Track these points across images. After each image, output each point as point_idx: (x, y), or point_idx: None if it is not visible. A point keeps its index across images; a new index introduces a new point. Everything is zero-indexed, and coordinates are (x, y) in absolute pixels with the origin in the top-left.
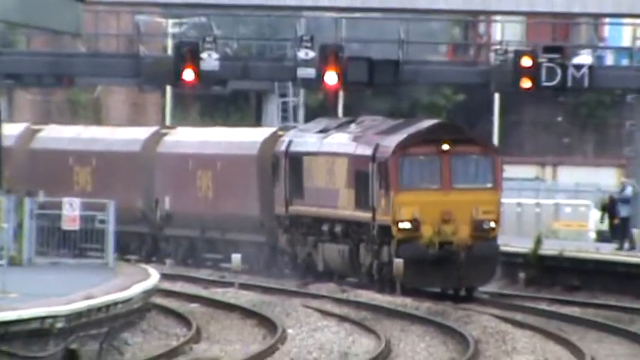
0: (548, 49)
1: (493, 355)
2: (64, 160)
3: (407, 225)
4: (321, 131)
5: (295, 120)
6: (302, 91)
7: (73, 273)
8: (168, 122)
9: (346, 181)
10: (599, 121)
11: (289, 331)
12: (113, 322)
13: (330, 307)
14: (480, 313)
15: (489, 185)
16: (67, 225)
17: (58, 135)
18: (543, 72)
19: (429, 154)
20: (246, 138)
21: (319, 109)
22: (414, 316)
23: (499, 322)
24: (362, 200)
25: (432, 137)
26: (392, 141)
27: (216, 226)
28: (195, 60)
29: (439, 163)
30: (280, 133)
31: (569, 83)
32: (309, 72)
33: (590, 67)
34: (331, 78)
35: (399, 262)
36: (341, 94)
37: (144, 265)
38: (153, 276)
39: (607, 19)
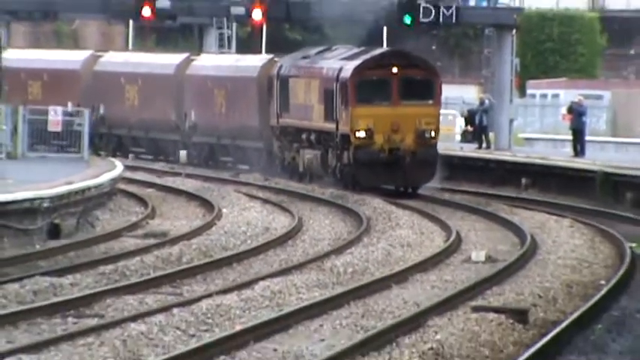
0: None
1: (381, 229)
2: (118, 80)
3: (362, 134)
4: (303, 57)
5: (229, 48)
6: (234, 25)
7: (56, 165)
8: (130, 48)
9: (318, 98)
10: (464, 49)
11: (224, 210)
12: (87, 202)
13: (255, 192)
14: (371, 197)
15: (430, 102)
16: (52, 127)
17: (114, 60)
18: (421, 11)
19: (381, 76)
20: (249, 63)
21: (248, 39)
22: (321, 199)
23: (386, 204)
24: (329, 114)
25: (384, 62)
26: (352, 65)
27: (228, 134)
28: (151, 0)
29: (389, 83)
30: (276, 59)
31: (441, 20)
32: (240, 10)
33: (457, 7)
34: (257, 14)
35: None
36: (264, 27)
37: (112, 159)
38: (118, 167)
39: None
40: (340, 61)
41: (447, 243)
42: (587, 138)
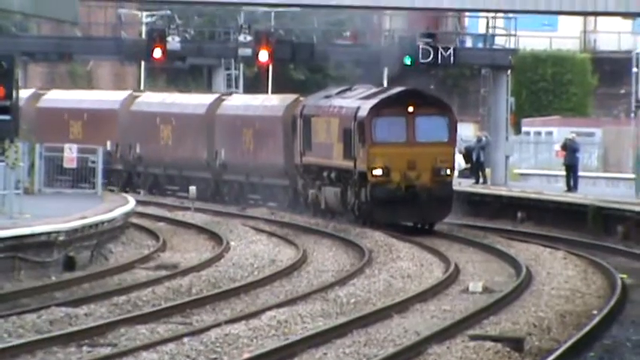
0: (424, 35)
1: (382, 261)
2: (154, 120)
3: (379, 172)
4: (325, 97)
5: (236, 87)
6: (241, 66)
7: (71, 200)
8: (142, 88)
9: (338, 136)
10: (461, 89)
11: (232, 243)
12: (101, 236)
13: (262, 225)
14: (372, 230)
15: (446, 140)
16: (67, 164)
17: (150, 100)
18: (420, 52)
19: (397, 115)
20: (275, 103)
21: (255, 79)
22: (324, 232)
23: (387, 237)
24: (348, 152)
25: (400, 101)
26: (369, 104)
27: (255, 172)
28: (162, 42)
29: (405, 122)
30: (301, 99)
31: (440, 61)
32: (247, 51)
33: (455, 49)
34: (263, 56)
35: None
36: (270, 67)
37: (124, 194)
38: (131, 202)
39: (467, 13)
40: (358, 101)
41: (445, 274)
42: (580, 173)
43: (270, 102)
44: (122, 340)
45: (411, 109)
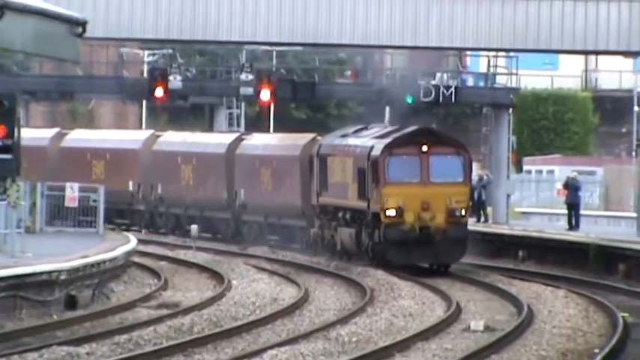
0: (425, 74)
1: (384, 299)
2: (175, 160)
3: (393, 212)
4: (342, 136)
5: (238, 126)
6: (243, 104)
7: (72, 238)
8: (144, 127)
9: (352, 176)
10: (462, 127)
11: (233, 282)
12: (102, 275)
13: (263, 264)
14: (374, 269)
15: (460, 180)
16: (69, 203)
17: (172, 140)
18: (422, 91)
19: (411, 154)
20: (292, 142)
21: (256, 118)
22: (326, 271)
23: (389, 276)
24: (362, 192)
25: (413, 140)
26: (382, 143)
27: (274, 213)
28: (164, 81)
29: (419, 162)
30: (318, 138)
31: (441, 99)
32: (249, 90)
33: (456, 88)
34: (265, 95)
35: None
36: (272, 106)
37: (126, 233)
38: (132, 241)
39: (468, 52)
40: (372, 140)
41: (447, 313)
42: (582, 212)
43: (288, 141)
44: None
45: (425, 148)
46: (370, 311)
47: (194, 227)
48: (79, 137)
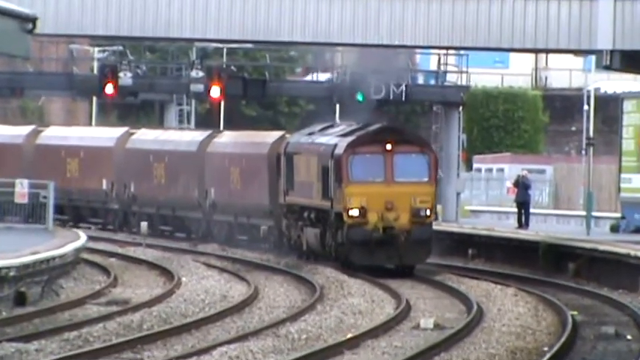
0: (375, 71)
1: (333, 297)
2: (147, 158)
3: (355, 212)
4: (308, 134)
5: (188, 123)
6: (193, 101)
7: (22, 235)
8: (94, 124)
9: (316, 175)
10: (413, 125)
11: (183, 279)
12: (52, 271)
13: (213, 261)
14: (324, 266)
15: (425, 179)
16: (18, 199)
17: (145, 137)
18: (372, 88)
19: (375, 153)
20: (261, 139)
21: (207, 115)
22: (276, 268)
23: (339, 274)
24: (326, 191)
25: (377, 138)
26: (345, 141)
27: (243, 212)
28: (114, 78)
29: (383, 160)
30: (287, 135)
31: (392, 97)
32: (199, 87)
33: (406, 85)
34: (215, 92)
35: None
36: (222, 103)
37: (75, 230)
38: (82, 237)
39: (419, 50)
40: (336, 138)
41: (397, 310)
42: (531, 210)
43: (257, 139)
44: None
45: (389, 146)
46: (320, 309)
47: (144, 224)
48: (55, 134)
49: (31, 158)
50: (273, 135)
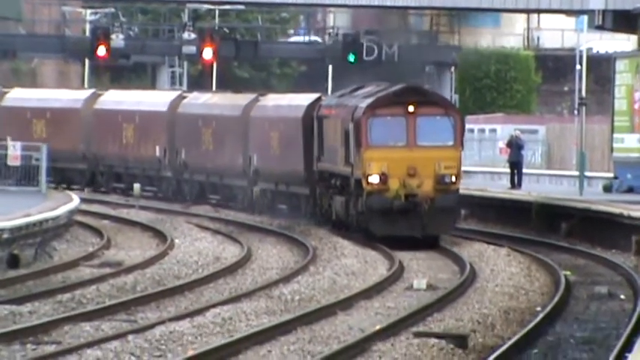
0: (368, 32)
1: (326, 258)
2: (196, 123)
3: (375, 179)
4: (339, 97)
5: (180, 85)
6: (185, 63)
7: (15, 197)
8: (86, 86)
9: (340, 140)
10: None
11: (176, 240)
12: (45, 233)
13: (206, 223)
14: (317, 228)
15: (450, 143)
16: (11, 161)
17: (194, 102)
18: (364, 49)
19: (396, 115)
20: (297, 102)
21: (199, 77)
22: (269, 230)
23: (332, 235)
24: (347, 157)
25: (398, 99)
26: (365, 103)
27: (282, 180)
28: (106, 40)
29: (405, 123)
30: (323, 98)
31: (384, 57)
32: (191, 49)
33: (399, 46)
34: (207, 53)
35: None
36: (214, 65)
37: (69, 192)
38: (75, 200)
39: (412, 11)
40: (358, 100)
41: (390, 271)
42: (524, 170)
43: (294, 101)
44: (66, 337)
45: (411, 108)
46: (313, 270)
47: (137, 186)
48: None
49: (90, 125)
50: (309, 97)
